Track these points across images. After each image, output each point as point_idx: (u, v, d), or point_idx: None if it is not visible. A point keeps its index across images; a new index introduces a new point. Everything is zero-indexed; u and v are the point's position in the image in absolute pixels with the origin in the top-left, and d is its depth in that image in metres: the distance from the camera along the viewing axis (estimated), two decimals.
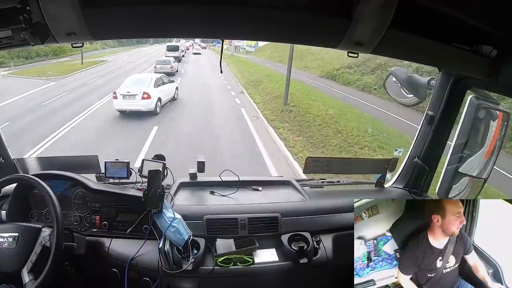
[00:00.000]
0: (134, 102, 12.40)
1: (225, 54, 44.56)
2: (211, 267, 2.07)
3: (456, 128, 2.22)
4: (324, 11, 1.48)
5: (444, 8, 1.44)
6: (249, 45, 47.94)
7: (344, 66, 23.48)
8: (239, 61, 37.05)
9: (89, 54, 32.83)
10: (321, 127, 12.38)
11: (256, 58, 40.00)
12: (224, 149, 9.61)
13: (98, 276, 2.22)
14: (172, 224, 2.04)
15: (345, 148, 10.83)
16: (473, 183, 2.33)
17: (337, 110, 14.87)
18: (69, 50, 30.22)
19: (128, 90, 12.53)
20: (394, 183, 2.69)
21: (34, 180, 1.96)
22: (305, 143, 11.00)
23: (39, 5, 1.34)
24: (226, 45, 51.83)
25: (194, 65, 34.01)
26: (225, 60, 34.83)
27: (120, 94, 12.46)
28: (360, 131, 12.24)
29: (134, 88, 12.65)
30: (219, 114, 13.93)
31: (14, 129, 10.24)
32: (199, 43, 48.16)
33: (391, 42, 1.57)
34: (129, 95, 12.46)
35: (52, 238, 1.84)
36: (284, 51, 31.15)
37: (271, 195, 2.48)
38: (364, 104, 17.06)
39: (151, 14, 1.49)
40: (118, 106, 12.56)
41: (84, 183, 2.24)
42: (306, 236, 2.22)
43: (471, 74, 2.01)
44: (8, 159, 2.39)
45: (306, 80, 23.30)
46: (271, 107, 15.47)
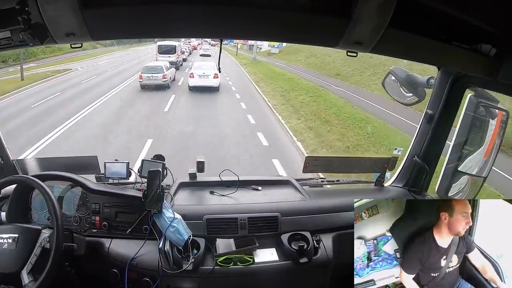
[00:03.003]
0: (208, 80, 18.19)
1: (245, 58, 38.90)
2: (211, 267, 2.07)
3: (455, 126, 2.22)
4: (323, 10, 1.48)
5: (443, 7, 1.44)
6: (272, 45, 39.58)
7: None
8: (268, 71, 28.04)
9: (61, 58, 28.12)
10: None
11: (286, 65, 32.15)
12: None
13: (98, 277, 2.22)
14: (172, 224, 2.04)
15: None
16: (472, 181, 2.34)
17: None
18: (41, 52, 26.50)
19: (203, 72, 18.31)
20: (394, 182, 2.69)
21: (34, 181, 1.95)
22: None
23: (38, 5, 1.34)
24: (240, 44, 46.13)
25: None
26: (246, 68, 30.41)
27: (197, 74, 18.35)
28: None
29: (207, 71, 18.29)
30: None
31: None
32: (210, 41, 40.38)
33: (390, 41, 1.56)
34: (204, 75, 18.26)
35: (52, 240, 1.84)
36: (323, 54, 29.43)
37: (271, 195, 2.47)
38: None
39: (150, 14, 1.48)
40: (194, 83, 18.23)
41: (83, 184, 2.24)
42: (306, 236, 2.21)
43: (470, 72, 2.01)
44: (8, 160, 2.38)
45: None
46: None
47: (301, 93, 19.21)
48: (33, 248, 1.83)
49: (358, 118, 14.44)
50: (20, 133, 10.61)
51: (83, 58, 29.81)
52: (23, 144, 9.70)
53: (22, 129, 11.08)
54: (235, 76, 24.77)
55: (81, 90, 18.12)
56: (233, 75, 24.77)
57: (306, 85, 22.07)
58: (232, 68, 30.32)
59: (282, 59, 36.88)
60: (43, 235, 1.87)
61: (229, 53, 45.25)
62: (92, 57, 31.18)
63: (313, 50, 31.24)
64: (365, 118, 14.55)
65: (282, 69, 30.17)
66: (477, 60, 1.72)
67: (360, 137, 12.39)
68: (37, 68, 23.77)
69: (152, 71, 18.36)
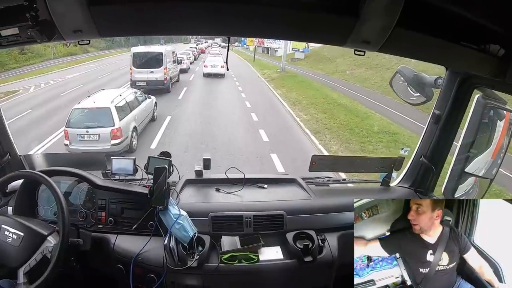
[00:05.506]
0: (217, 69, 21.79)
1: (268, 67, 28.73)
2: (216, 264, 2.08)
3: (463, 127, 2.20)
4: (331, 9, 1.48)
5: (451, 7, 1.43)
6: (296, 48, 29.90)
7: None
8: (319, 96, 18.07)
9: (27, 70, 21.40)
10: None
11: (327, 79, 23.76)
12: None
13: (104, 272, 2.24)
14: (178, 221, 2.05)
15: None
16: (479, 183, 2.33)
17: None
18: (13, 61, 21.39)
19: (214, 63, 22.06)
20: (400, 182, 2.67)
21: (41, 176, 1.96)
22: None
23: (46, 2, 1.35)
24: (253, 46, 40.08)
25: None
26: (275, 85, 20.71)
27: (209, 65, 22.33)
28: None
29: (216, 63, 22.14)
30: None
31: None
32: (220, 43, 34.65)
33: (397, 40, 1.56)
34: (214, 65, 21.98)
35: (54, 252, 1.83)
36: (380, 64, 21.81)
37: (277, 193, 2.48)
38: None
39: (157, 12, 1.49)
40: (207, 71, 22.27)
41: (90, 180, 2.26)
42: (311, 234, 2.21)
43: (478, 73, 1.99)
44: (15, 155, 2.41)
45: None
46: None
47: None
48: (34, 252, 1.83)
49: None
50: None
51: (48, 71, 22.22)
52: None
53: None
54: (261, 104, 15.57)
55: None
56: (258, 104, 15.39)
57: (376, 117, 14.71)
58: (253, 86, 21.15)
59: (311, 67, 29.08)
60: (46, 243, 1.86)
61: (243, 57, 39.68)
62: (61, 69, 23.18)
63: (359, 57, 11.07)
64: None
65: (336, 90, 20.38)
66: (485, 61, 1.70)
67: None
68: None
69: (88, 122, 8.54)
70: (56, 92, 16.19)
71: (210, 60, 24.27)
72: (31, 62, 23.48)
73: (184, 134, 10.79)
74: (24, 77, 19.87)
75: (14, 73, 20.91)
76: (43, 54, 25.07)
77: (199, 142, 10.05)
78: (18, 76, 20.26)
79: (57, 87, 17.89)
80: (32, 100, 14.62)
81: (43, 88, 18.06)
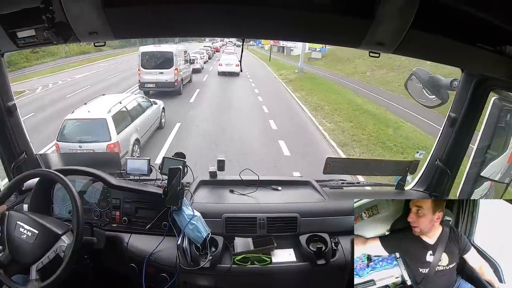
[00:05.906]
0: (231, 67, 22.34)
1: (285, 68, 27.71)
2: (228, 265, 2.08)
3: (479, 130, 2.18)
4: (346, 10, 1.48)
5: (466, 8, 1.42)
6: (313, 48, 27.24)
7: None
8: (340, 99, 17.01)
9: (40, 69, 21.19)
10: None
11: (346, 80, 22.86)
12: None
13: (117, 271, 2.26)
14: (191, 221, 2.06)
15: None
16: (495, 187, 2.29)
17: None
18: (24, 60, 20.92)
19: (228, 62, 22.99)
20: (415, 186, 2.64)
21: (56, 175, 1.99)
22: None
23: (62, 4, 1.38)
24: (269, 45, 39.80)
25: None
26: (293, 87, 19.54)
27: (224, 64, 23.18)
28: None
29: (231, 61, 23.06)
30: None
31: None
32: (235, 42, 32.72)
33: (412, 42, 1.56)
34: (229, 64, 22.76)
35: (68, 251, 1.85)
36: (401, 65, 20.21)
37: (291, 195, 2.47)
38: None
39: (172, 14, 1.51)
40: (222, 69, 23.11)
41: (105, 179, 2.28)
42: (324, 237, 2.20)
43: (494, 75, 1.96)
44: (31, 154, 2.44)
45: None
46: None
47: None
48: (47, 250, 1.85)
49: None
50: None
51: (60, 70, 21.95)
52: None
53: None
54: (279, 109, 14.56)
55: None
56: (276, 109, 14.37)
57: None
58: (270, 88, 20.11)
59: (329, 68, 27.98)
60: (60, 242, 1.88)
61: (259, 57, 39.20)
62: (73, 68, 23.01)
63: (378, 58, 9.69)
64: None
65: (359, 94, 19.21)
66: (502, 62, 1.68)
67: None
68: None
69: (82, 135, 7.46)
70: (62, 94, 15.37)
71: (225, 58, 24.96)
72: (42, 61, 23.12)
73: (193, 147, 9.25)
74: (33, 77, 19.30)
75: (24, 72, 20.25)
76: (55, 52, 25.08)
77: (211, 157, 7.74)
78: (27, 75, 19.56)
79: (65, 87, 17.30)
80: (37, 102, 13.73)
81: (51, 89, 17.34)
